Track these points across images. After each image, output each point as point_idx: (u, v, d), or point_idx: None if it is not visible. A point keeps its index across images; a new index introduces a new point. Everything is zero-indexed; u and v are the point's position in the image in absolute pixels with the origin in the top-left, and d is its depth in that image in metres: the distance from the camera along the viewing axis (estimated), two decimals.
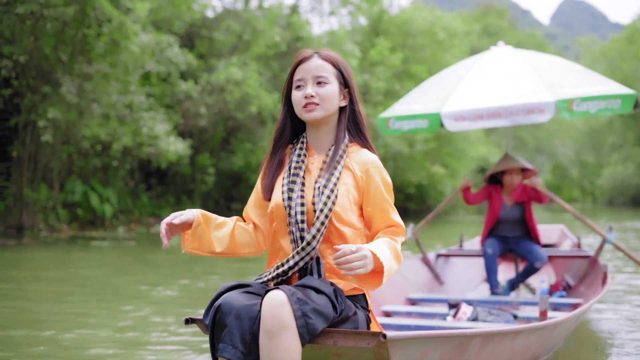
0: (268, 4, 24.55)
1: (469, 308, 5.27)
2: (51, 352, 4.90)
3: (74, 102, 15.82)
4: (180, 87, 19.88)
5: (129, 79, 16.90)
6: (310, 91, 2.78)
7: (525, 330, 3.71)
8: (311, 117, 2.80)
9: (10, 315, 6.43)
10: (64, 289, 8.20)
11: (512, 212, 6.73)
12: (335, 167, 2.78)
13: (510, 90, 6.26)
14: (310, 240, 2.68)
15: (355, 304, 2.77)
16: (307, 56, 2.86)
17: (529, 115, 5.97)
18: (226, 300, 2.47)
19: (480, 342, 3.17)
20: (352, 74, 2.93)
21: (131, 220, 20.10)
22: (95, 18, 16.12)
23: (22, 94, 16.67)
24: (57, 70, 16.25)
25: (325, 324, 2.49)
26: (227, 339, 2.41)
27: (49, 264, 11.24)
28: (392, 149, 25.92)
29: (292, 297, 2.42)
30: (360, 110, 2.90)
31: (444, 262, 7.69)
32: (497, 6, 56.86)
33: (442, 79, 7.15)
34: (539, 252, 6.48)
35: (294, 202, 2.75)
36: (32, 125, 16.78)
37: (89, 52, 16.45)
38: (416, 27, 28.85)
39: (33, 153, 17.15)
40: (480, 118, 6.18)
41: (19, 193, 16.78)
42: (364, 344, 2.47)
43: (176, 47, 18.50)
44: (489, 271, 6.55)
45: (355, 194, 2.78)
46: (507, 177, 6.69)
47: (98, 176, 19.64)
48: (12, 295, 7.66)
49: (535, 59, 6.81)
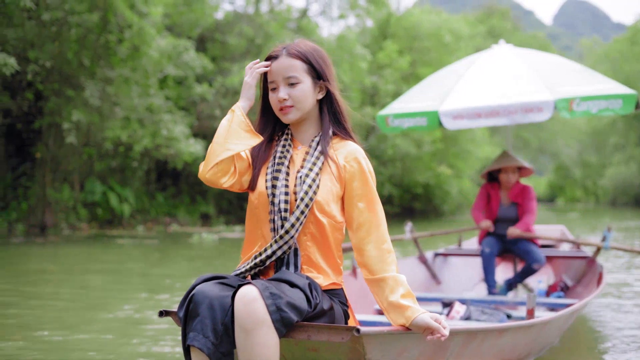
0: (279, 8, 25.12)
1: (462, 307, 5.28)
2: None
3: (97, 105, 16.41)
4: (196, 90, 20.43)
5: (148, 83, 17.49)
6: (282, 95, 2.77)
7: (510, 328, 3.70)
8: (287, 120, 2.81)
9: (87, 298, 7.05)
10: (110, 279, 8.90)
11: (509, 211, 6.70)
12: (317, 157, 2.78)
13: (509, 89, 6.23)
14: (288, 228, 2.68)
15: (332, 298, 2.76)
16: (274, 55, 2.84)
17: (527, 114, 5.94)
18: (200, 290, 2.47)
19: (463, 339, 3.15)
20: (326, 59, 2.89)
21: (147, 219, 20.67)
22: (117, 24, 16.69)
23: (46, 98, 17.26)
24: (80, 75, 16.83)
25: (299, 317, 2.48)
26: (198, 327, 2.41)
27: (87, 259, 11.89)
28: (400, 150, 26.41)
29: (265, 291, 2.42)
30: (338, 100, 2.87)
31: (441, 261, 7.62)
32: (501, 8, 57.25)
33: (441, 77, 7.12)
34: (536, 253, 6.43)
35: (278, 190, 2.75)
36: (55, 127, 17.37)
37: (111, 57, 17.02)
38: (423, 30, 29.36)
39: (55, 154, 17.75)
40: (478, 116, 6.16)
41: (42, 193, 17.37)
42: (337, 338, 2.45)
43: (192, 51, 19.05)
44: (486, 271, 6.50)
45: (338, 186, 2.77)
46: (504, 175, 6.67)
47: (116, 177, 20.22)
48: (75, 284, 8.42)
49: (535, 58, 6.80)
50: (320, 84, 2.83)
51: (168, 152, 18.26)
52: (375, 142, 26.42)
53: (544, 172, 71.82)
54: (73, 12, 15.98)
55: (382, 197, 28.27)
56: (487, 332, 3.41)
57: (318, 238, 2.75)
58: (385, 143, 26.30)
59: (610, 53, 47.24)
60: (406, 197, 30.11)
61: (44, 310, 6.65)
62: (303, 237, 2.75)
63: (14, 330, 5.66)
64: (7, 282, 8.74)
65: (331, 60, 2.92)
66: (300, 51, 2.81)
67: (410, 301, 2.64)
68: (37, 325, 5.85)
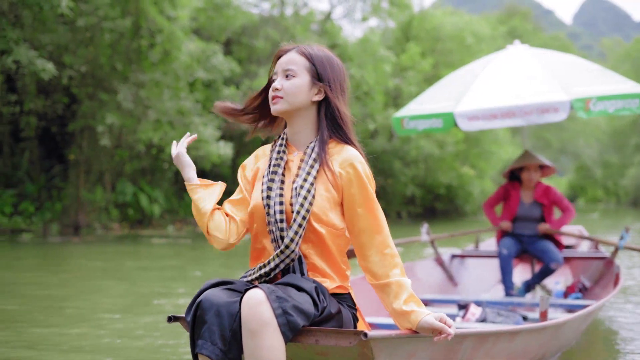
0: (304, 12, 25.54)
1: (478, 309, 5.24)
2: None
3: (130, 108, 16.89)
4: (223, 93, 20.84)
5: (179, 86, 17.95)
6: (277, 84, 2.75)
7: (522, 330, 3.64)
8: (274, 110, 2.77)
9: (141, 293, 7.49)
10: (154, 276, 9.44)
11: (530, 210, 6.64)
12: (312, 165, 2.72)
13: (524, 90, 6.18)
14: (288, 243, 2.64)
15: (340, 302, 2.73)
16: (284, 50, 2.84)
17: (543, 114, 5.88)
18: (207, 297, 2.46)
19: (474, 342, 3.11)
20: (338, 69, 2.84)
21: (176, 219, 21.12)
22: (148, 29, 17.16)
23: (80, 101, 17.76)
24: (113, 79, 17.32)
25: (306, 321, 2.46)
26: (207, 335, 2.40)
27: (129, 257, 12.47)
28: (424, 151, 26.73)
29: (271, 295, 2.40)
30: (337, 105, 2.78)
31: (458, 262, 7.52)
32: (522, 9, 57.33)
33: (456, 78, 7.07)
34: (554, 252, 6.37)
35: (272, 201, 2.71)
36: (89, 130, 17.88)
37: (142, 61, 17.50)
38: (445, 32, 29.66)
39: (89, 156, 18.26)
40: (494, 117, 6.11)
41: (75, 194, 17.87)
42: (345, 342, 2.43)
43: (220, 55, 19.47)
44: (504, 272, 6.46)
45: (335, 193, 2.72)
46: (525, 174, 6.61)
47: (146, 178, 20.70)
48: (123, 279, 8.93)
49: (550, 57, 6.75)
50: (320, 86, 2.78)
51: (197, 153, 18.69)
52: (399, 143, 26.75)
53: (564, 173, 71.67)
54: (106, 17, 16.46)
55: (405, 197, 28.82)
56: (499, 334, 3.36)
57: (319, 247, 2.71)
58: (408, 144, 26.62)
59: (631, 53, 47.16)
60: (428, 198, 30.38)
61: (99, 302, 7.09)
62: (304, 245, 2.71)
63: (76, 319, 6.10)
64: (61, 277, 9.31)
65: (346, 73, 2.89)
66: (308, 51, 2.80)
67: (413, 305, 2.60)
68: (95, 315, 6.29)
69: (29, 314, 6.46)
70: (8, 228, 16.50)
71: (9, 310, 6.69)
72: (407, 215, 29.69)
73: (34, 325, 5.87)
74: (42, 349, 5.00)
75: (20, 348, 5.02)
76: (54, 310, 6.74)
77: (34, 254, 12.86)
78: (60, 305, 7.02)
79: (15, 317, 6.34)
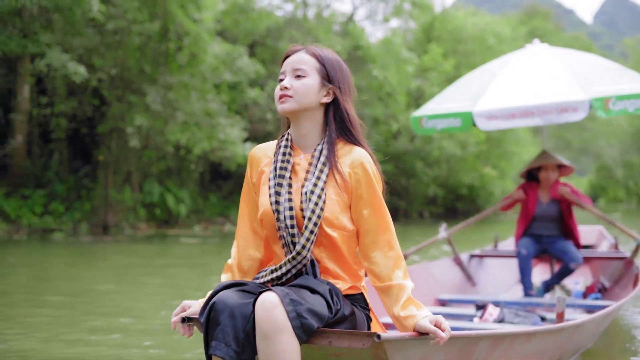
0: (326, 13, 25.80)
1: (496, 309, 5.20)
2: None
3: (159, 110, 17.22)
4: (249, 94, 21.12)
5: (206, 88, 18.27)
6: (286, 83, 2.69)
7: (539, 332, 3.59)
8: (282, 109, 2.70)
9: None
10: (191, 273, 9.79)
11: (548, 210, 6.55)
12: (321, 169, 2.68)
13: (543, 89, 6.10)
14: (300, 250, 2.61)
15: (353, 303, 2.71)
16: (293, 50, 2.79)
17: (562, 114, 5.79)
18: (220, 299, 2.44)
19: (489, 344, 3.07)
20: (346, 72, 2.81)
21: (202, 219, 21.43)
22: (175, 32, 17.48)
23: (109, 103, 18.12)
24: (142, 81, 17.66)
25: (320, 323, 2.44)
26: (220, 336, 2.38)
27: (163, 255, 12.83)
28: (446, 151, 26.91)
29: (285, 298, 2.38)
30: (346, 107, 2.74)
31: (477, 262, 7.45)
32: (543, 9, 57.29)
33: (475, 77, 6.97)
34: (573, 252, 6.28)
35: (282, 206, 2.66)
36: (117, 131, 18.23)
37: (170, 63, 17.83)
38: (467, 33, 29.81)
39: (117, 157, 18.62)
40: (512, 117, 6.04)
41: (104, 194, 18.23)
42: (358, 344, 2.41)
43: (246, 57, 19.76)
44: (523, 272, 6.37)
45: (345, 196, 2.67)
46: (543, 173, 6.52)
47: (173, 178, 21.03)
48: (162, 276, 9.23)
49: (569, 56, 6.63)
50: (329, 87, 2.73)
51: (223, 154, 18.97)
52: (422, 143, 26.94)
53: (585, 173, 71.38)
54: (135, 21, 16.80)
55: (427, 197, 28.97)
56: (515, 336, 3.32)
57: (331, 250, 2.69)
58: (431, 145, 26.81)
59: None
60: (450, 198, 30.54)
61: (139, 296, 7.40)
62: (316, 250, 2.68)
63: (117, 311, 6.40)
64: (102, 273, 9.82)
65: (352, 77, 2.86)
66: (318, 52, 2.76)
67: (412, 309, 2.57)
68: (134, 308, 6.59)
69: (78, 306, 6.85)
70: (39, 228, 16.87)
71: (58, 302, 7.11)
72: (429, 215, 29.86)
73: (85, 316, 6.20)
74: (95, 338, 5.31)
75: (81, 332, 5.36)
76: (99, 303, 7.10)
77: (70, 252, 13.24)
78: (106, 298, 7.43)
79: (63, 306, 6.77)
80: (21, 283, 8.89)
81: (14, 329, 5.69)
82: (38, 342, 5.19)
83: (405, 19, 29.36)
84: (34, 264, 11.25)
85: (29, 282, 9.10)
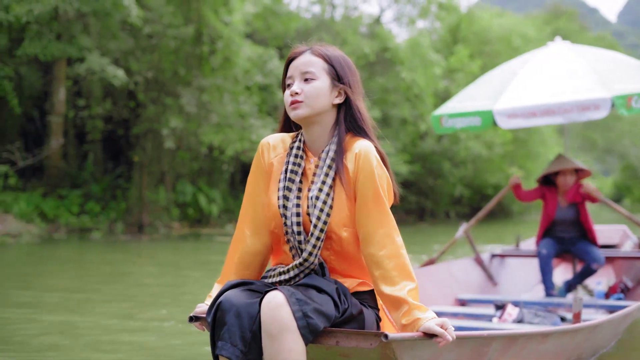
0: (353, 15, 26.11)
1: (515, 309, 5.14)
2: None
3: (193, 112, 17.61)
4: (279, 96, 21.45)
5: (238, 90, 18.64)
6: (296, 88, 2.58)
7: (554, 332, 3.50)
8: (295, 116, 2.59)
9: None
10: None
11: (567, 213, 6.46)
12: (327, 173, 2.59)
13: (564, 87, 5.97)
14: (307, 256, 2.55)
15: (362, 302, 2.65)
16: (298, 52, 2.68)
17: (583, 112, 5.68)
18: (227, 298, 2.41)
19: (502, 344, 3.00)
20: (354, 70, 2.71)
21: (233, 218, 21.80)
22: (209, 35, 17.86)
23: (144, 105, 18.55)
24: (177, 84, 18.07)
25: (326, 323, 2.39)
26: (226, 336, 2.35)
27: (206, 252, 13.27)
28: (472, 152, 27.12)
29: (291, 297, 2.34)
30: (358, 107, 2.65)
31: (498, 262, 7.33)
32: (567, 9, 57.15)
33: (496, 76, 6.85)
34: (595, 253, 6.19)
35: (289, 211, 2.59)
36: (152, 133, 18.65)
37: (203, 67, 18.22)
38: (493, 34, 29.98)
39: (152, 158, 19.04)
40: (533, 115, 5.93)
41: (139, 194, 18.66)
42: (366, 344, 2.36)
43: (276, 59, 20.11)
44: (543, 272, 6.27)
45: (352, 192, 2.60)
46: (561, 178, 6.41)
47: (204, 179, 21.43)
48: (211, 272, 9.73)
49: (591, 54, 6.51)
50: (340, 88, 2.63)
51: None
52: (448, 144, 27.16)
53: (610, 173, 71.09)
54: (170, 25, 17.20)
55: (453, 197, 29.15)
56: (529, 336, 3.24)
57: (340, 251, 2.62)
58: (457, 145, 27.02)
59: None
60: (475, 198, 30.70)
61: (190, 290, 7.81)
62: (325, 252, 2.62)
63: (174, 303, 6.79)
64: (165, 269, 10.37)
65: (359, 74, 2.76)
66: (324, 51, 2.65)
67: (414, 314, 2.46)
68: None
69: (145, 299, 7.42)
70: (77, 227, 17.32)
71: (131, 295, 7.74)
72: (455, 215, 30.06)
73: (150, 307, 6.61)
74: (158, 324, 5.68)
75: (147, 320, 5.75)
76: (163, 296, 7.66)
77: (115, 249, 13.78)
78: (169, 292, 8.00)
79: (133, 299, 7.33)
80: (93, 279, 9.33)
81: (87, 320, 6.06)
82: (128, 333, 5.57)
83: (431, 20, 29.62)
84: (94, 261, 11.74)
85: (101, 277, 9.52)
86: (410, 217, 27.62)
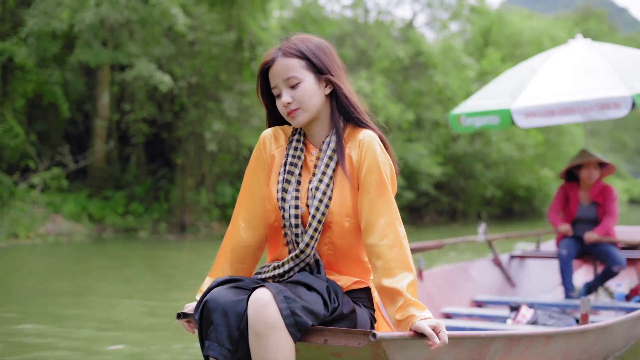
0: (386, 19, 26.54)
1: (529, 311, 5.08)
2: None
3: (235, 116, 18.17)
4: None
5: None
6: (286, 98, 2.54)
7: (559, 334, 3.42)
8: (297, 124, 2.58)
9: None
10: None
11: (589, 211, 6.35)
12: (327, 164, 2.56)
13: (584, 85, 5.88)
14: (303, 248, 2.51)
15: (357, 301, 2.59)
16: (269, 60, 2.60)
17: (603, 110, 5.57)
18: (213, 297, 2.36)
19: (504, 345, 2.92)
20: (329, 51, 2.64)
21: None
22: (249, 42, 18.40)
23: (187, 109, 19.13)
24: (219, 89, 18.64)
25: (315, 321, 2.34)
26: (213, 336, 2.31)
27: None
28: (504, 153, 27.40)
29: (279, 295, 2.29)
30: (346, 92, 2.60)
31: (518, 263, 7.23)
32: (597, 10, 57.07)
33: (515, 74, 6.78)
34: (616, 255, 6.03)
35: (287, 204, 2.55)
36: (194, 136, 19.23)
37: (243, 72, 18.77)
38: (524, 37, 30.24)
39: (194, 160, 19.62)
40: (552, 114, 5.84)
41: (181, 195, 19.24)
42: (354, 343, 2.28)
43: None
44: (563, 274, 6.17)
45: (354, 182, 2.56)
46: (585, 171, 6.28)
47: (242, 180, 21.93)
48: None
49: (612, 52, 6.37)
50: (324, 78, 2.58)
51: None
52: (481, 146, 27.46)
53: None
54: (213, 32, 17.76)
55: (484, 198, 29.43)
56: (533, 337, 3.17)
57: (340, 244, 2.57)
58: (489, 147, 27.30)
59: None
60: (507, 199, 30.95)
61: None
62: (323, 247, 2.58)
63: None
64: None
65: (333, 49, 2.70)
66: (295, 48, 2.58)
67: (409, 310, 2.38)
68: None
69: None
70: (122, 227, 17.93)
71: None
72: (486, 216, 30.37)
73: None
74: None
75: None
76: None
77: (165, 247, 14.44)
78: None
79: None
80: (158, 275, 9.91)
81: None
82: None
83: (462, 23, 29.95)
84: (151, 257, 12.38)
85: (163, 270, 10.12)
86: (442, 217, 27.99)
